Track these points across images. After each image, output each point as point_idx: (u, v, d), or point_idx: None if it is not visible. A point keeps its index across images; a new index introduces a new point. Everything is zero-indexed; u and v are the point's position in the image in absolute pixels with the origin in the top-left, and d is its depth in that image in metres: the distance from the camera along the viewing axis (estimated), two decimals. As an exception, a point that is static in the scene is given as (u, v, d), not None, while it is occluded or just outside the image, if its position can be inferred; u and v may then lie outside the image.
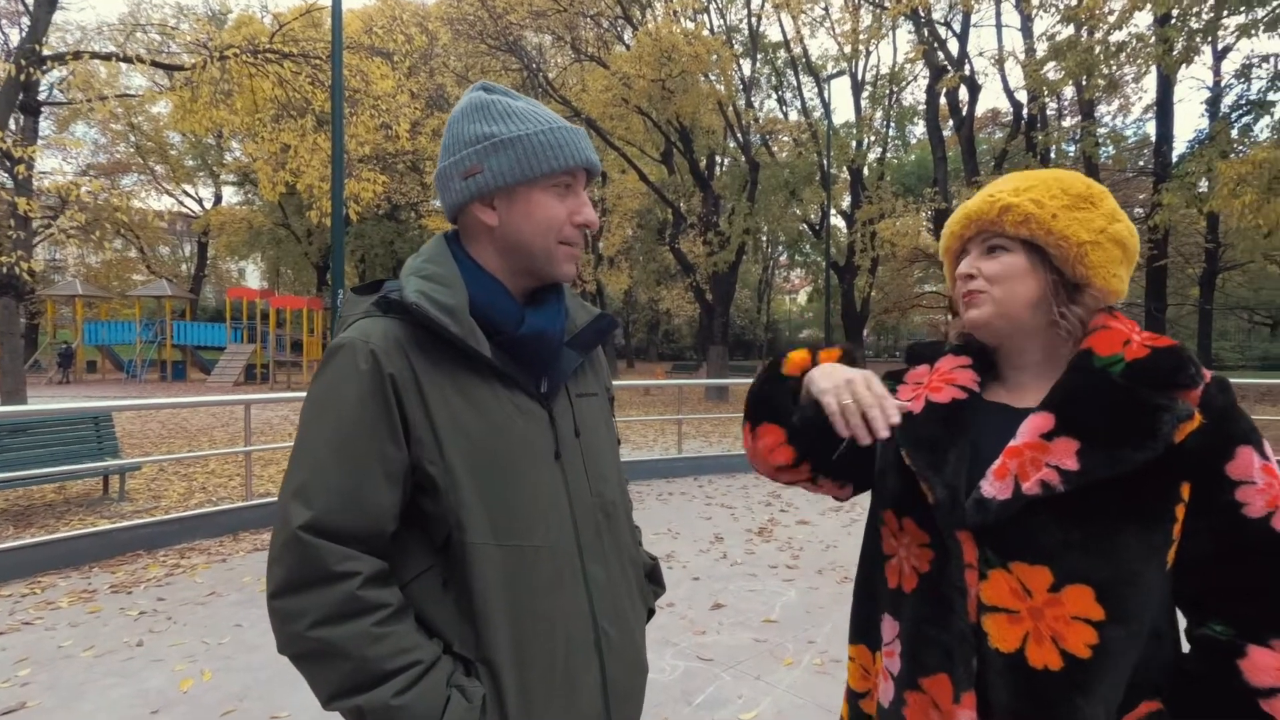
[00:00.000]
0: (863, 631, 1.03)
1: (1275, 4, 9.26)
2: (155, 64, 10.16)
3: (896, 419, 0.84)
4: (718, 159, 21.03)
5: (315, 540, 0.83)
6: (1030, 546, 0.82)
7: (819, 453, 1.01)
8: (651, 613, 1.17)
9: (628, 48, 16.33)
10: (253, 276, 42.58)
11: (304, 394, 1.03)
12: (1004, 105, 15.84)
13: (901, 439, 0.94)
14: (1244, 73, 11.98)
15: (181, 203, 31.79)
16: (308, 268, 31.10)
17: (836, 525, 5.49)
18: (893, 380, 1.06)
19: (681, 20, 15.38)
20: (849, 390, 0.87)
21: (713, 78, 15.70)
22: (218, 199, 32.58)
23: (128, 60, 9.48)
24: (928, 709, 0.87)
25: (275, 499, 5.61)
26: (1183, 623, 0.88)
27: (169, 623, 3.53)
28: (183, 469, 7.60)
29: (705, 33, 16.60)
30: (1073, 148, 18.56)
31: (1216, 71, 16.34)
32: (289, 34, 9.76)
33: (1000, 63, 14.29)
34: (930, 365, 1.03)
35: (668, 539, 5.08)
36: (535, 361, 0.99)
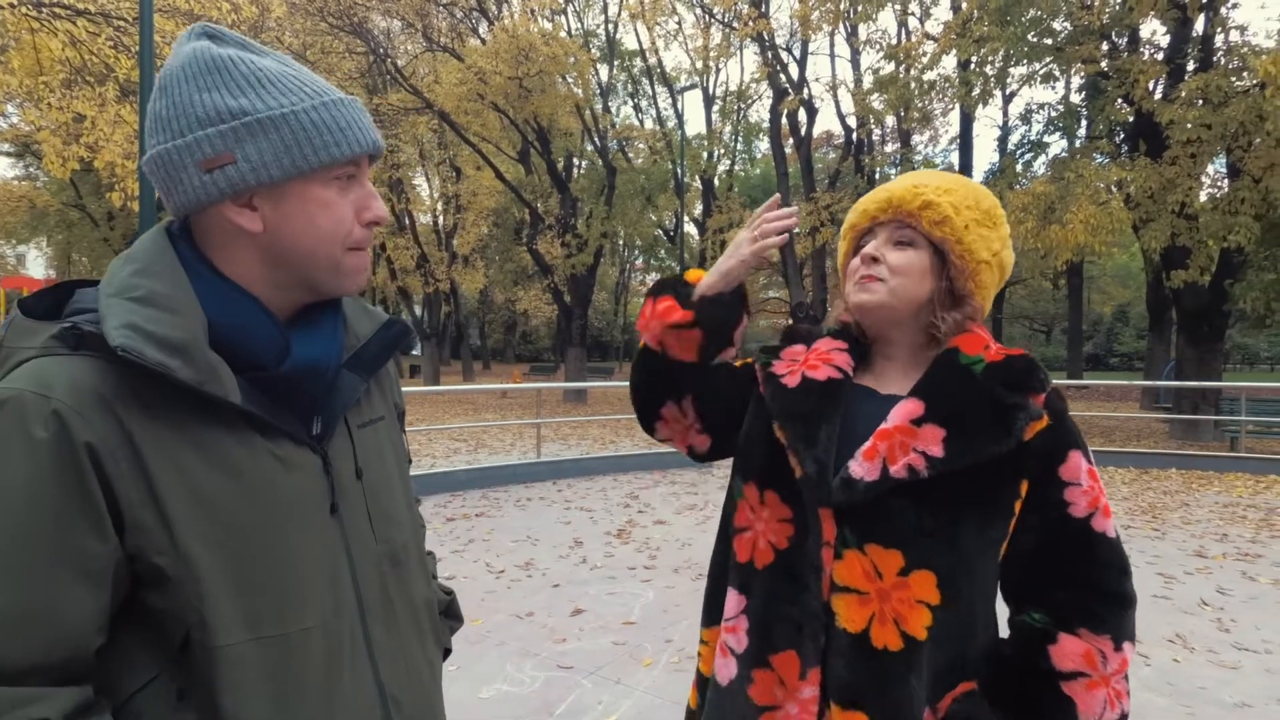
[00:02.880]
0: (716, 615, 1.00)
1: (1049, 60, 10.92)
2: (-101, 6, 8.40)
3: (792, 218, 0.98)
4: (575, 161, 21.10)
5: None
6: (887, 530, 0.85)
7: (712, 322, 1.01)
8: (448, 652, 1.01)
9: (483, 41, 15.92)
10: (35, 264, 36.53)
11: None
12: (838, 128, 17.33)
13: (775, 411, 0.96)
14: (1026, 116, 14.02)
15: (-64, 174, 26.57)
16: (108, 255, 27.02)
17: (691, 524, 5.70)
18: (767, 355, 1.05)
19: (539, 19, 15.26)
20: (746, 237, 1.00)
21: (570, 80, 15.71)
22: (-13, 172, 27.57)
23: None
24: (773, 686, 0.87)
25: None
26: (1003, 614, 0.93)
27: None
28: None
29: (563, 34, 16.59)
30: (894, 171, 20.68)
31: (1005, 113, 18.97)
32: (85, -13, 8.47)
33: (834, 90, 15.61)
34: (807, 346, 1.04)
35: (527, 546, 5.02)
36: (304, 399, 0.77)
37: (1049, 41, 10.79)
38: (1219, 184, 11.07)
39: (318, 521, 0.76)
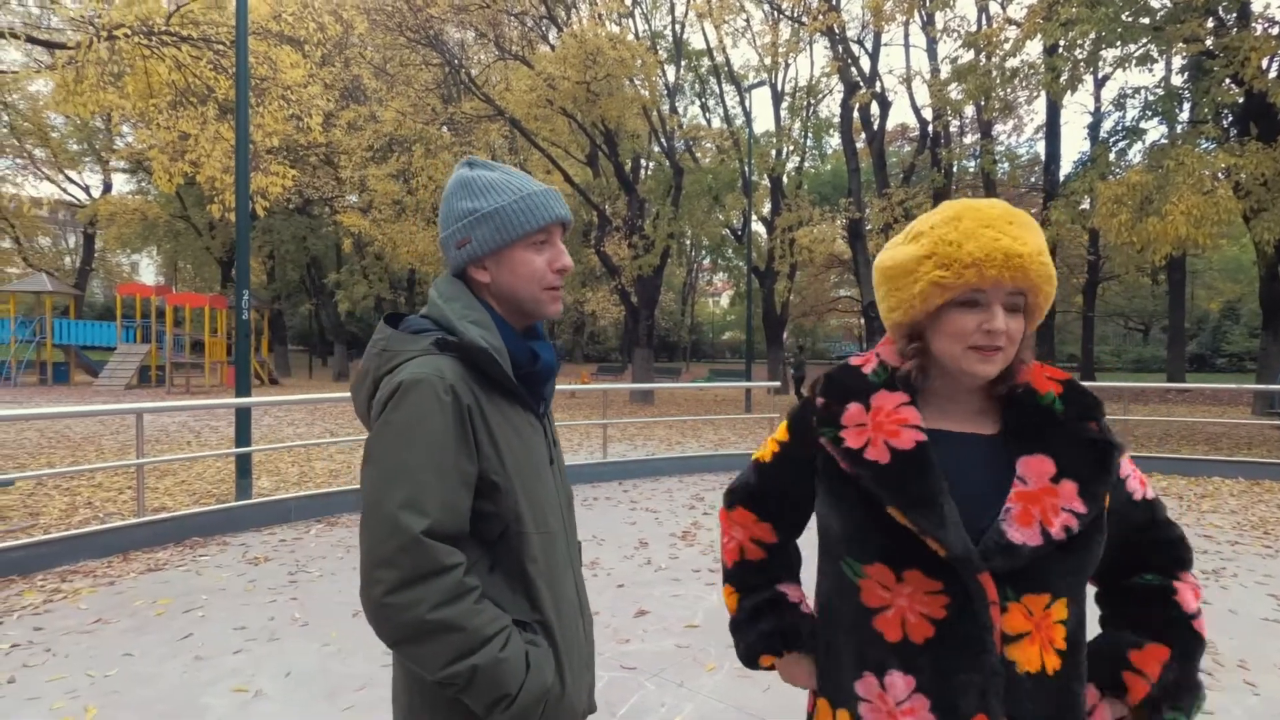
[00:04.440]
0: (832, 688, 1.03)
1: (1145, 41, 10.19)
2: (31, 40, 9.30)
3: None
4: (643, 163, 21.18)
5: (431, 542, 1.02)
6: (1041, 579, 0.91)
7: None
8: None
9: (552, 48, 16.21)
10: (147, 271, 39.63)
11: (206, 400, 1.29)
12: (913, 121, 16.73)
13: (884, 495, 0.93)
14: (1119, 102, 13.13)
15: (65, 190, 29.17)
16: (210, 263, 29.23)
17: (756, 527, 5.63)
18: (830, 428, 1.01)
19: (606, 23, 15.40)
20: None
21: (637, 82, 15.79)
22: (107, 187, 30.09)
23: (-1, 35, 8.62)
24: None
25: (171, 515, 5.30)
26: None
27: (48, 655, 3.23)
28: (64, 483, 6.98)
29: (630, 37, 16.69)
30: (973, 164, 19.77)
31: (1098, 98, 17.84)
32: (188, 16, 9.13)
33: (908, 82, 15.07)
34: (862, 403, 0.99)
35: (593, 546, 5.08)
36: (539, 388, 1.22)
37: (1145, 21, 10.06)
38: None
39: (546, 467, 1.21)
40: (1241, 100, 9.86)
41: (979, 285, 0.91)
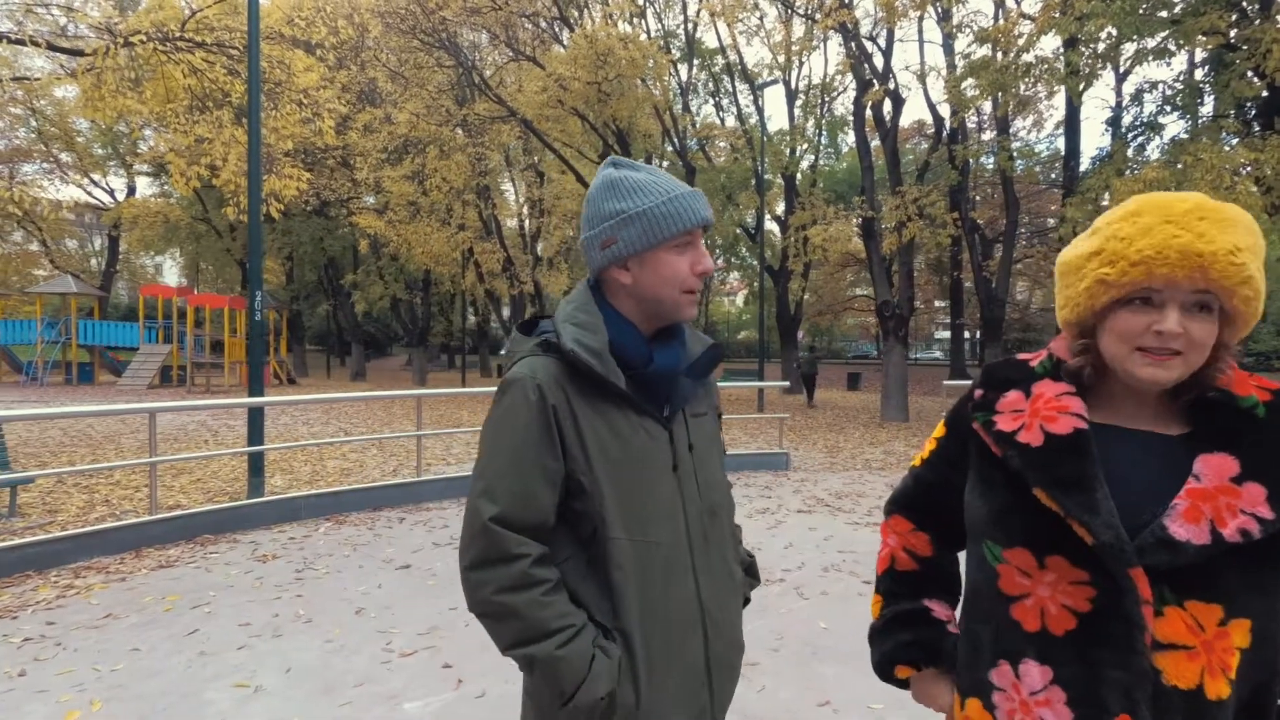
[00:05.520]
0: (981, 686, 0.96)
1: (1164, 34, 10.00)
2: (52, 47, 9.50)
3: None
4: (656, 161, 21.17)
5: (499, 530, 1.08)
6: (1211, 586, 0.83)
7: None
8: (747, 600, 1.37)
9: (565, 48, 16.25)
10: (170, 273, 40.33)
11: (227, 400, 1.45)
12: (929, 117, 16.56)
13: (1032, 477, 0.90)
14: (1137, 96, 12.89)
15: (90, 193, 29.77)
16: (231, 264, 29.68)
17: (763, 528, 5.61)
18: (984, 412, 0.99)
19: (618, 23, 15.41)
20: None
21: (649, 82, 15.78)
22: (131, 190, 30.66)
23: (19, 43, 8.81)
24: None
25: (183, 512, 5.41)
26: None
27: (58, 649, 3.31)
28: (84, 480, 7.14)
29: (642, 37, 16.69)
30: (990, 160, 19.53)
31: (1119, 93, 17.53)
32: (203, 22, 9.27)
33: (922, 77, 14.92)
34: (1023, 391, 0.97)
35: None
36: (659, 391, 1.19)
37: (1164, 14, 9.87)
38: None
39: (665, 473, 1.17)
40: (1265, 94, 9.64)
41: (1149, 284, 0.85)
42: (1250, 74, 9.31)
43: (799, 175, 20.07)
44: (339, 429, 12.17)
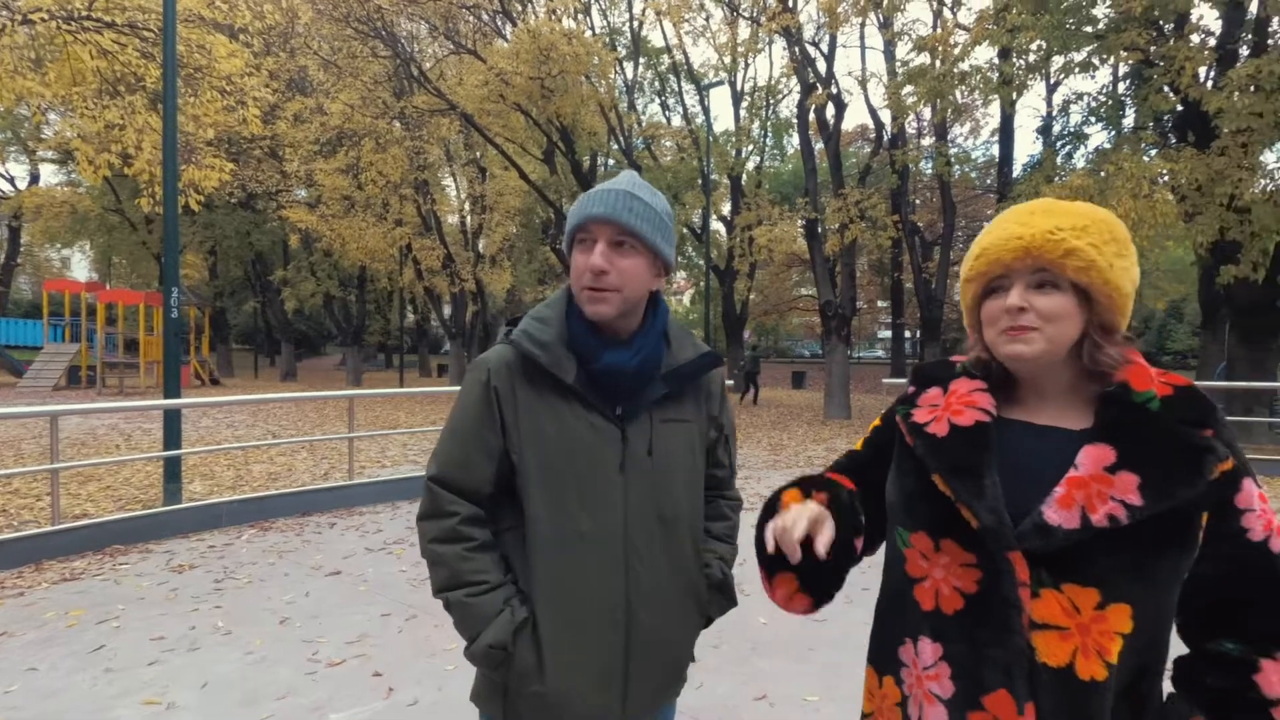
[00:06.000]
0: (877, 655, 1.06)
1: (1089, 49, 10.50)
2: (-60, 19, 8.66)
3: (795, 559, 0.96)
4: (600, 160, 21.02)
5: (436, 488, 1.22)
6: (1083, 569, 0.86)
7: (833, 588, 1.09)
8: (709, 620, 1.37)
9: (507, 42, 15.93)
10: (79, 267, 37.76)
11: (140, 401, 1.83)
12: (871, 122, 16.96)
13: (933, 465, 0.97)
14: (1065, 107, 13.52)
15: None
16: (146, 258, 27.86)
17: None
18: (906, 405, 1.08)
19: (562, 19, 15.20)
20: (779, 528, 0.99)
21: (594, 80, 15.63)
22: (34, 178, 28.53)
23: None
24: None
25: (90, 521, 5.01)
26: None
27: (-66, 677, 2.95)
28: (-27, 490, 6.48)
29: (587, 33, 16.52)
30: (929, 165, 20.19)
31: (1049, 103, 18.38)
32: (114, 0, 8.60)
33: (864, 83, 15.28)
34: (942, 388, 1.05)
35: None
36: (610, 389, 1.21)
37: (1089, 29, 10.36)
38: (1274, 175, 10.49)
39: (607, 470, 1.20)
40: (1179, 108, 10.22)
41: (991, 272, 0.95)
42: (1166, 89, 9.86)
43: (744, 176, 20.28)
44: (266, 431, 11.56)
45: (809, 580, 1.08)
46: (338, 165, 17.96)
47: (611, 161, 21.23)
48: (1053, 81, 16.03)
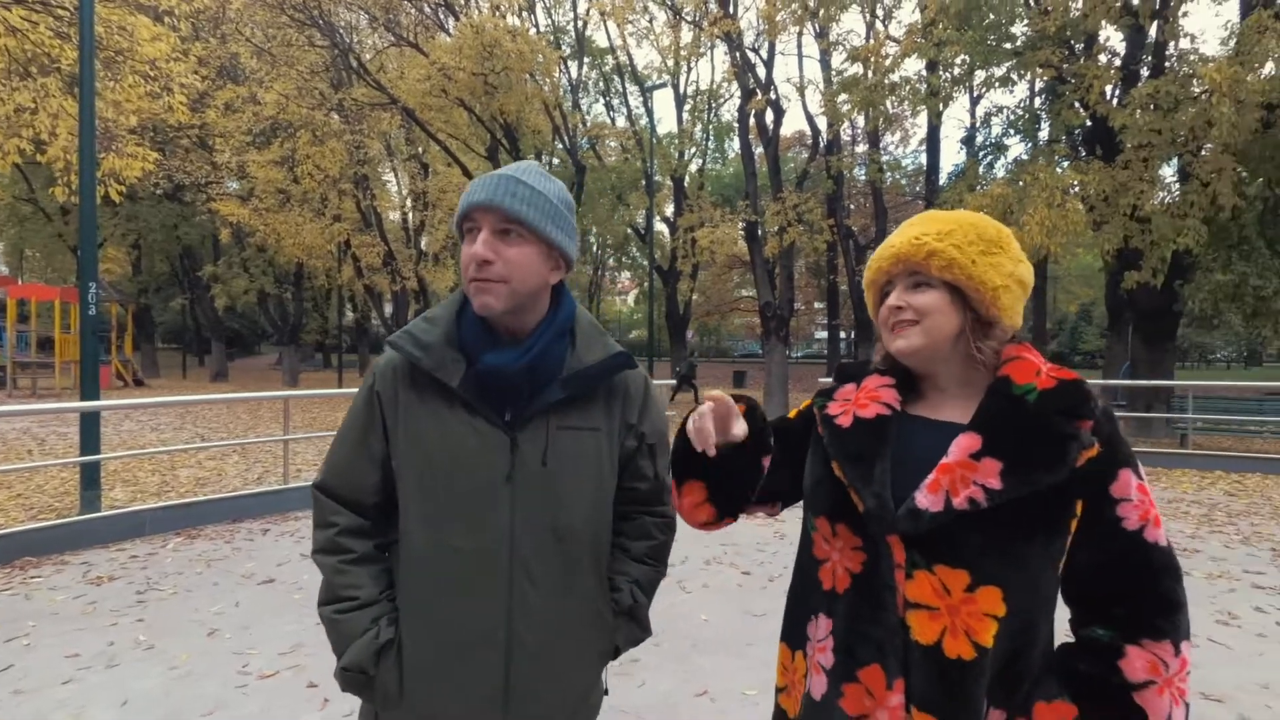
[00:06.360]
0: (789, 632, 1.11)
1: (1008, 64, 11.09)
2: None
3: (710, 450, 0.99)
4: (545, 159, 20.92)
5: (320, 496, 1.18)
6: (953, 552, 0.92)
7: (736, 505, 1.12)
8: (619, 650, 1.27)
9: (450, 37, 15.69)
10: (-14, 260, 35.23)
11: (55, 404, 1.69)
12: (808, 128, 17.40)
13: (833, 451, 1.04)
14: (987, 119, 14.22)
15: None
16: (63, 251, 26.23)
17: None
18: (823, 398, 1.15)
19: (506, 16, 15.08)
20: (692, 422, 1.02)
21: (538, 78, 15.57)
22: (-67, 164, 26.46)
23: None
24: (862, 697, 0.95)
25: (0, 531, 4.75)
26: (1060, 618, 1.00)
27: None
28: None
29: (531, 31, 16.43)
30: (862, 171, 20.85)
31: (972, 115, 19.24)
32: (26, -25, 8.13)
33: (802, 90, 15.68)
34: (857, 384, 1.12)
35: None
36: (495, 393, 1.12)
37: (1008, 46, 10.94)
38: (1171, 189, 11.32)
39: (492, 480, 1.11)
40: (1088, 123, 10.90)
41: (880, 280, 1.07)
42: (1077, 105, 10.50)
43: (687, 178, 20.52)
44: (195, 434, 11.13)
45: (717, 491, 1.10)
46: (272, 157, 17.33)
47: (556, 160, 21.15)
48: (975, 95, 16.85)
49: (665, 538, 1.32)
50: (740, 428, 1.02)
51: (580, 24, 20.02)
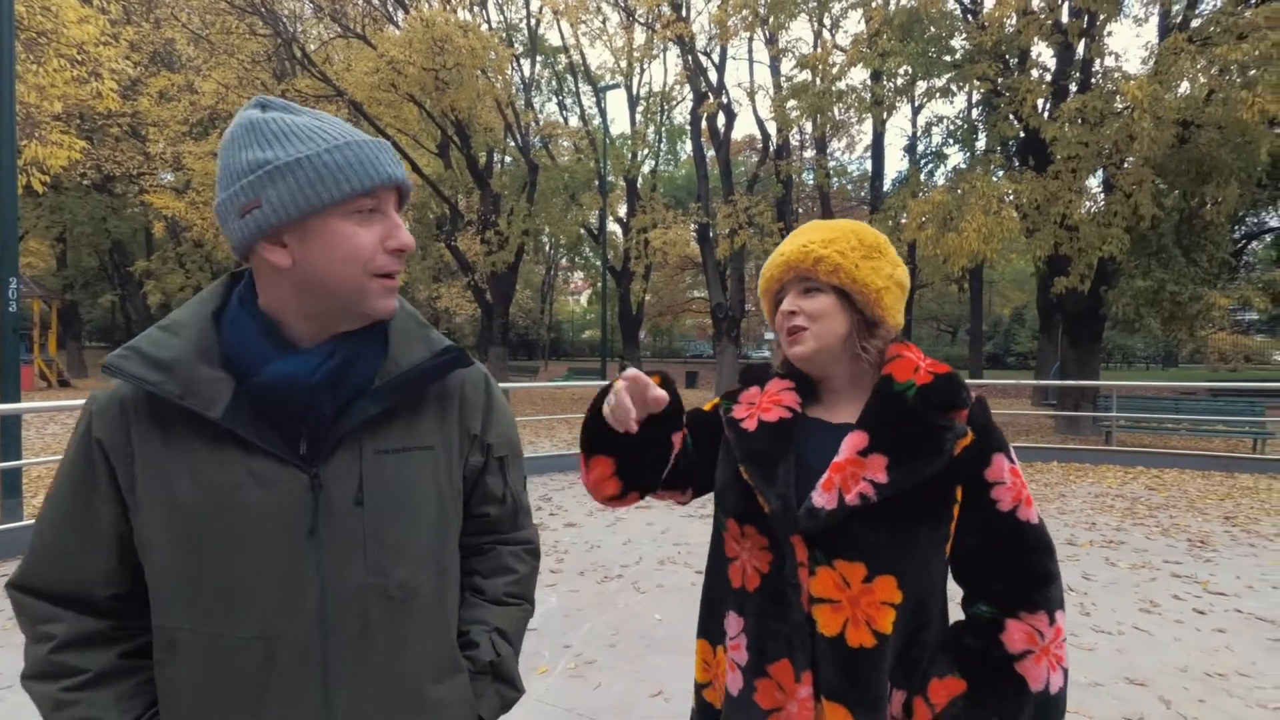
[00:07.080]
0: (707, 628, 1.14)
1: (948, 76, 11.53)
2: None
3: (632, 426, 0.95)
4: (497, 157, 20.71)
5: (19, 596, 0.83)
6: (850, 546, 0.97)
7: (644, 481, 1.10)
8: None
9: (400, 30, 15.38)
10: (-111, 251, 32.80)
11: None
12: (759, 133, 17.71)
13: (739, 455, 1.07)
14: (928, 129, 14.76)
15: None
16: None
17: (601, 526, 5.71)
18: (729, 400, 1.18)
19: (458, 10, 14.88)
20: (608, 404, 0.99)
21: (490, 75, 15.41)
22: None
23: None
24: (773, 691, 0.99)
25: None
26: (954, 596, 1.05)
27: None
28: None
29: (483, 27, 16.24)
30: (810, 176, 21.31)
31: (914, 124, 19.92)
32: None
33: (752, 95, 15.96)
34: (761, 387, 1.15)
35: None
36: (283, 418, 0.81)
37: (948, 59, 11.37)
38: (1097, 199, 11.96)
39: (290, 539, 0.81)
40: (1022, 134, 11.43)
41: (773, 288, 1.12)
42: (1012, 117, 10.99)
43: (640, 179, 20.60)
44: (126, 438, 10.60)
45: (625, 465, 1.06)
46: (210, 148, 16.65)
47: (509, 159, 20.97)
48: (917, 104, 17.48)
49: (527, 569, 1.06)
50: (659, 394, 0.96)
51: (533, 21, 19.89)
